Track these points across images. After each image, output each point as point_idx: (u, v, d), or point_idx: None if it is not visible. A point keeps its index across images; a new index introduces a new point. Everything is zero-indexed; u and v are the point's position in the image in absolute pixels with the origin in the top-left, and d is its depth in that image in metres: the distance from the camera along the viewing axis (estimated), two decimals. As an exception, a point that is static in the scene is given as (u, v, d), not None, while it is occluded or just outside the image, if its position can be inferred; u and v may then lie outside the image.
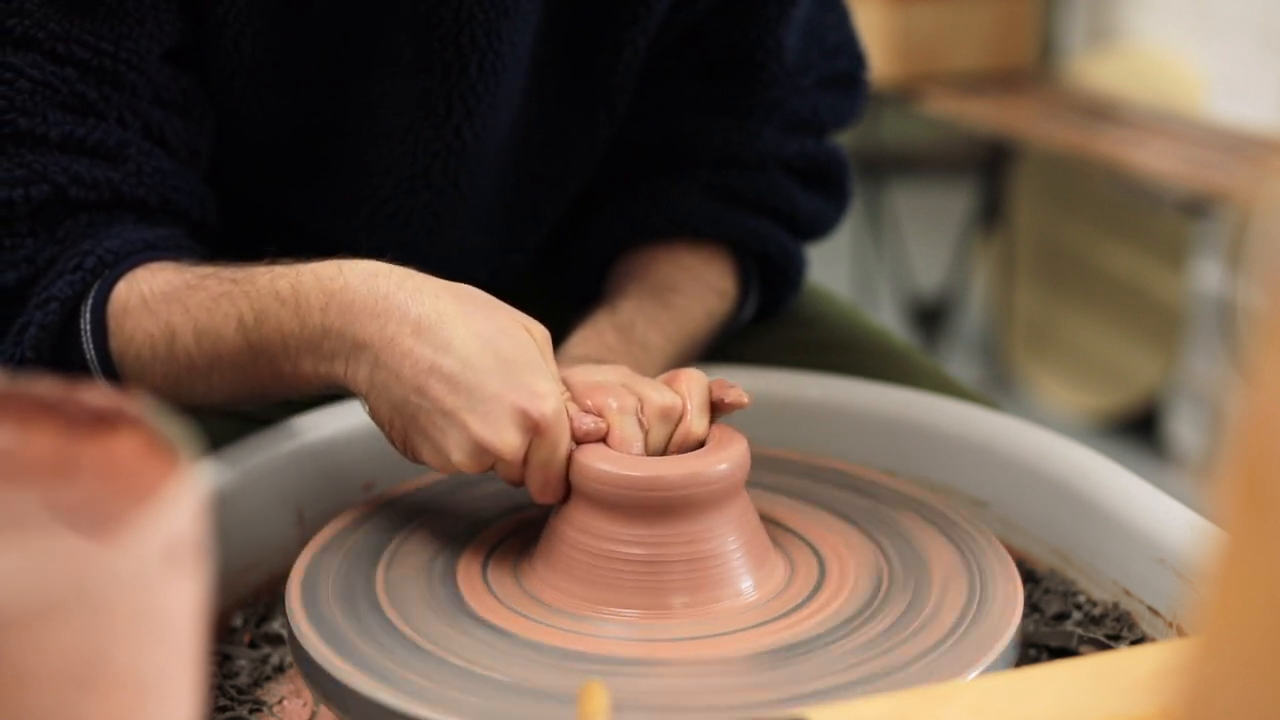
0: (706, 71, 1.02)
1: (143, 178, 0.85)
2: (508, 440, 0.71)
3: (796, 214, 1.03)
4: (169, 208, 0.87)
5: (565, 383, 0.77)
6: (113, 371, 0.82)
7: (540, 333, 0.76)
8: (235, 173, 0.94)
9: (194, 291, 0.80)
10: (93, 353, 0.81)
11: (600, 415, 0.75)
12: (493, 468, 0.74)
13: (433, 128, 0.92)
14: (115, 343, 0.82)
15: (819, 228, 1.06)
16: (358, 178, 0.95)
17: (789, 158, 1.02)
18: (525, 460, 0.73)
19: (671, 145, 1.03)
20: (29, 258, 0.82)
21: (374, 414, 0.76)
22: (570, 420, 0.74)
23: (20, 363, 0.82)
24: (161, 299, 0.81)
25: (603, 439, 0.74)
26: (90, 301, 0.82)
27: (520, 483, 0.75)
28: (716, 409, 0.78)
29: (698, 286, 0.98)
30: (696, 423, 0.76)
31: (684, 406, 0.76)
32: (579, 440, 0.74)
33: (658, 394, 0.76)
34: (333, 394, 0.92)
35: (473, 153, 0.94)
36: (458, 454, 0.73)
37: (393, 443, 0.77)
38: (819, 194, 1.05)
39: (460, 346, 0.72)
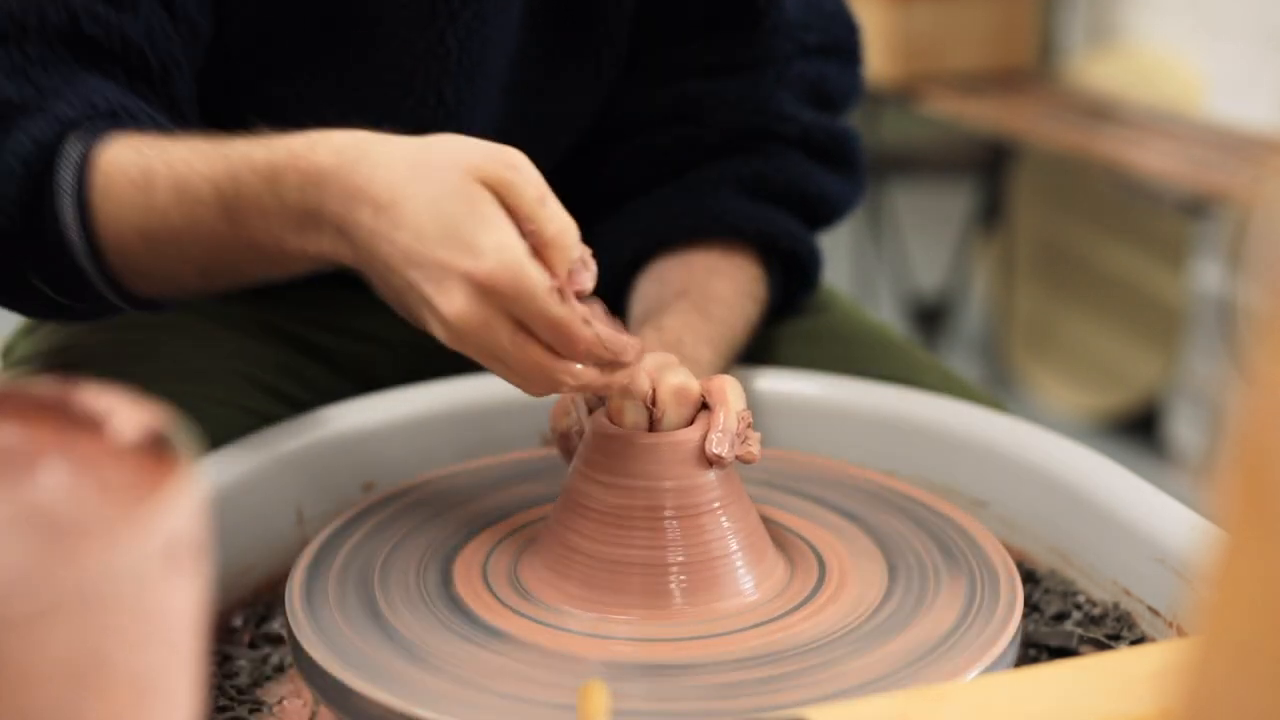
0: (708, 26, 1.02)
1: (151, 35, 0.84)
2: (456, 306, 0.67)
3: (823, 198, 1.04)
4: (167, 77, 0.85)
5: None
6: (86, 209, 0.77)
7: (503, 179, 0.69)
8: (226, 74, 0.93)
9: (177, 145, 0.76)
10: (72, 181, 0.76)
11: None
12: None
13: (418, 30, 0.93)
14: (98, 179, 0.77)
15: (841, 209, 1.06)
16: (342, 81, 0.94)
17: (806, 125, 1.02)
18: (518, 328, 0.68)
19: (685, 115, 1.03)
20: (35, 80, 0.80)
21: (373, 284, 0.74)
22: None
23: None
24: (150, 146, 0.77)
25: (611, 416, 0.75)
26: (85, 130, 0.78)
27: (545, 378, 0.69)
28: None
29: (737, 295, 0.98)
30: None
31: (699, 392, 0.76)
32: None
33: (674, 375, 0.76)
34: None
35: (458, 62, 0.94)
36: (439, 331, 0.69)
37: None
38: (838, 174, 1.05)
39: (411, 219, 0.69)
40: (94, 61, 0.82)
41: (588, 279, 0.70)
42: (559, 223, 0.69)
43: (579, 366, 0.69)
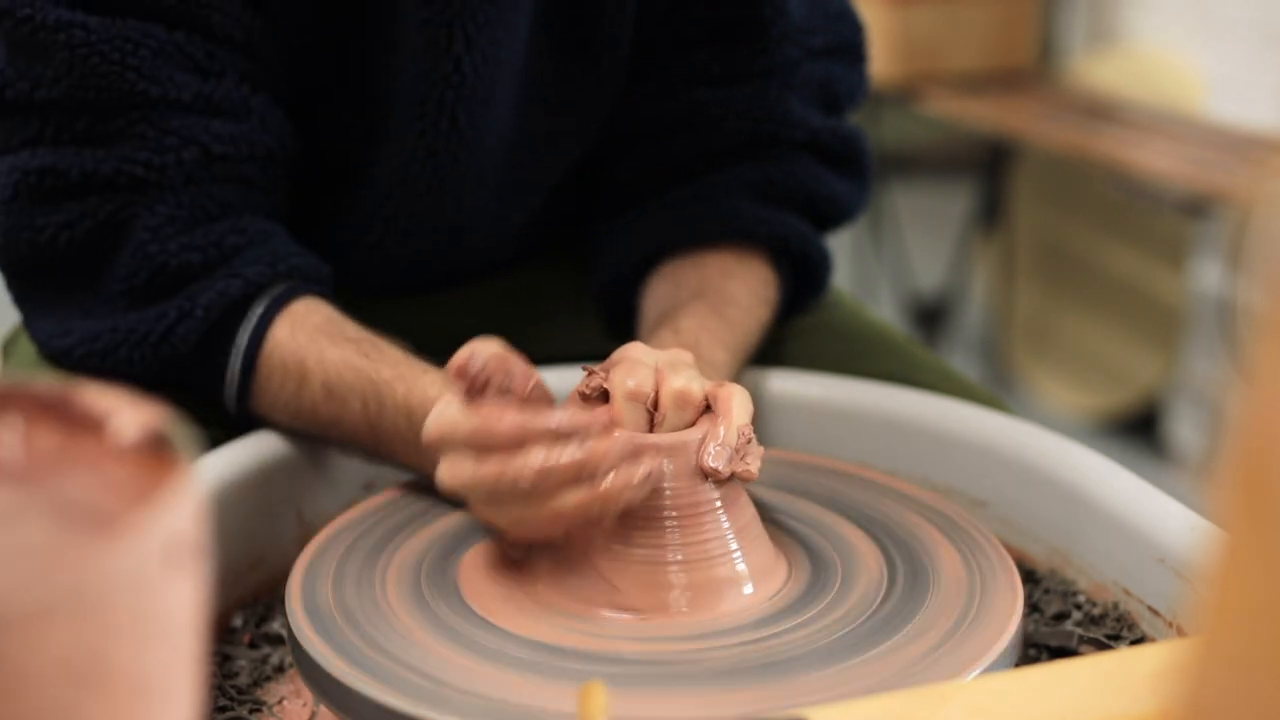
0: (715, 36, 1.02)
1: (267, 126, 0.90)
2: (440, 470, 0.75)
3: (832, 200, 1.04)
4: (284, 144, 0.92)
5: (620, 353, 0.77)
6: (251, 367, 0.87)
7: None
8: None
9: (328, 347, 0.86)
10: (248, 342, 0.86)
11: (609, 389, 0.75)
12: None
13: (433, 59, 0.94)
14: (265, 347, 0.87)
15: (850, 211, 1.07)
16: (357, 108, 0.96)
17: (815, 129, 1.03)
18: (480, 456, 0.73)
19: (695, 123, 1.03)
20: (216, 243, 0.87)
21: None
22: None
23: (183, 316, 0.86)
24: (305, 334, 0.87)
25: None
26: (272, 295, 0.87)
27: (512, 476, 0.72)
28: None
29: (750, 298, 0.98)
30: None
31: (702, 397, 0.76)
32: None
33: (677, 379, 0.76)
34: None
35: (471, 88, 0.95)
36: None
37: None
38: (846, 176, 1.06)
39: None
40: (232, 172, 0.89)
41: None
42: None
43: (540, 451, 0.72)
